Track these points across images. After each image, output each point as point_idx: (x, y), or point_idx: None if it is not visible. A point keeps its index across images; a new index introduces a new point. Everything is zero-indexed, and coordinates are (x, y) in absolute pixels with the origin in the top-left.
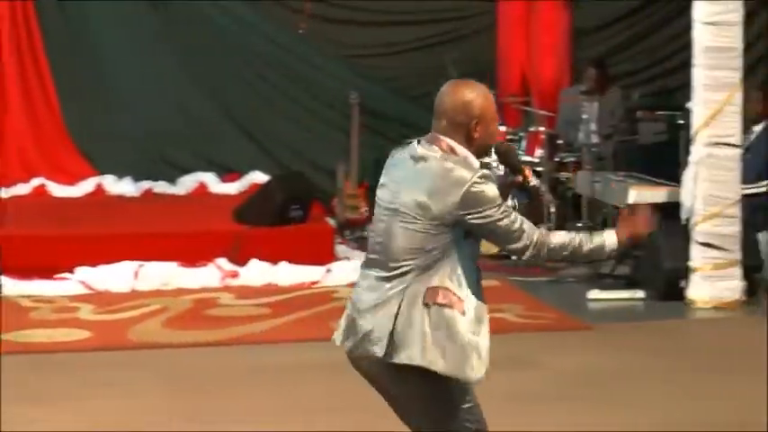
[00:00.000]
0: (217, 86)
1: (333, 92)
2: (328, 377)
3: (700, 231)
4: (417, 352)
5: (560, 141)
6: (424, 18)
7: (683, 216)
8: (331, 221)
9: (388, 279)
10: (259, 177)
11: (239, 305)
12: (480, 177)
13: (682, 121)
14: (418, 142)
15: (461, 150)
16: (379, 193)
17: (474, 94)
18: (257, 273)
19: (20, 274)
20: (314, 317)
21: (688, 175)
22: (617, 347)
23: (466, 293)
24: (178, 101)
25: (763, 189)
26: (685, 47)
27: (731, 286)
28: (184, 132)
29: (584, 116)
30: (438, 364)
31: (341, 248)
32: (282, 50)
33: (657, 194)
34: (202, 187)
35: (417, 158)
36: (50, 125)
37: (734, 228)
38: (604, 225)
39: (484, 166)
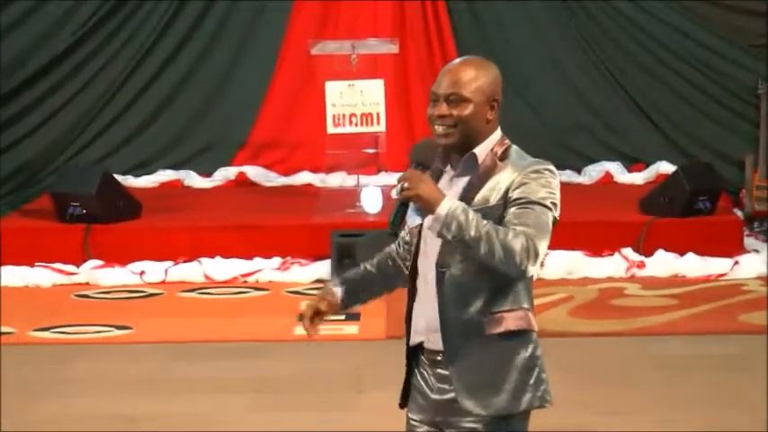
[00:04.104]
0: (622, 77)
1: (739, 82)
2: (727, 372)
3: None
4: None
5: None
6: None
7: None
8: (739, 213)
9: None
10: (665, 168)
11: (645, 296)
12: None
13: None
14: None
15: None
16: None
17: None
18: (663, 264)
19: None
20: (719, 310)
21: None
22: None
23: None
24: (581, 92)
25: None
26: None
27: None
28: (588, 122)
29: None
30: None
31: (749, 241)
32: (689, 41)
33: None
34: (608, 177)
35: None
36: None
37: None
38: None
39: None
